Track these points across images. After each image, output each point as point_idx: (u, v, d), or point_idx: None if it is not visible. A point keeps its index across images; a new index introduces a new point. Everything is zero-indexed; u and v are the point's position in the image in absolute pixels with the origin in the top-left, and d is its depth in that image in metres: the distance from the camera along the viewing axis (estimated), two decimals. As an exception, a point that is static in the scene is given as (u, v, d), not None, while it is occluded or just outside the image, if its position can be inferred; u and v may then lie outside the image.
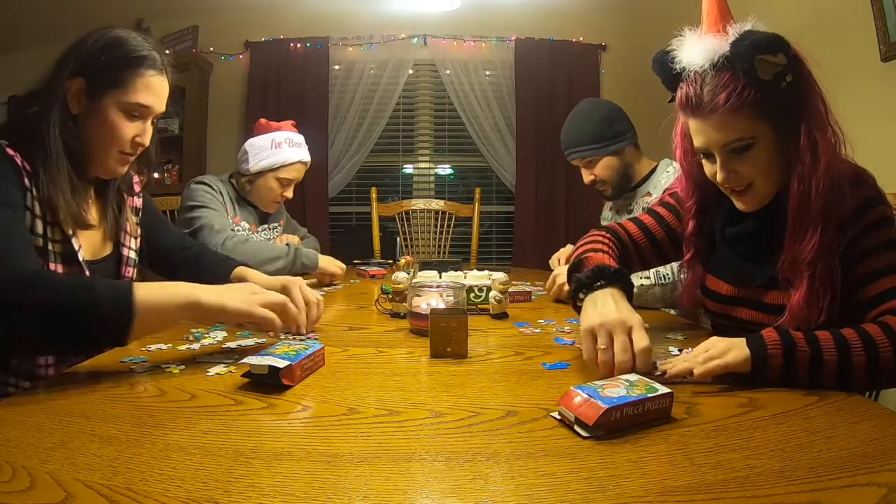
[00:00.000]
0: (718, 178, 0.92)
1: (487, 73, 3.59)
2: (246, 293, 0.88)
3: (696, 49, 0.88)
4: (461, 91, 3.53)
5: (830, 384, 0.76)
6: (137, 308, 0.77)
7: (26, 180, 0.91)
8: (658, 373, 0.80)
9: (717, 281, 1.05)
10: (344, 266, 1.81)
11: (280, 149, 1.81)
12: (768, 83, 0.83)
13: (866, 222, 0.87)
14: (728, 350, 0.78)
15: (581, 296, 0.90)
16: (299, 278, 1.13)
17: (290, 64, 3.47)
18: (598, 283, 0.88)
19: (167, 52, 3.40)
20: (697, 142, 0.93)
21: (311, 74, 3.46)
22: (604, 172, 1.68)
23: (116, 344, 0.80)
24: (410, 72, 3.60)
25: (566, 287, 1.33)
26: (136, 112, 1.01)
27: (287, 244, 1.76)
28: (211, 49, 3.52)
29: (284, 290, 1.10)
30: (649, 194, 1.64)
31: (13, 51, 3.09)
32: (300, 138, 1.89)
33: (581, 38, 3.55)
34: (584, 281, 0.90)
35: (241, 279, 1.21)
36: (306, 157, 1.87)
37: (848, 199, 0.86)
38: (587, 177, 1.71)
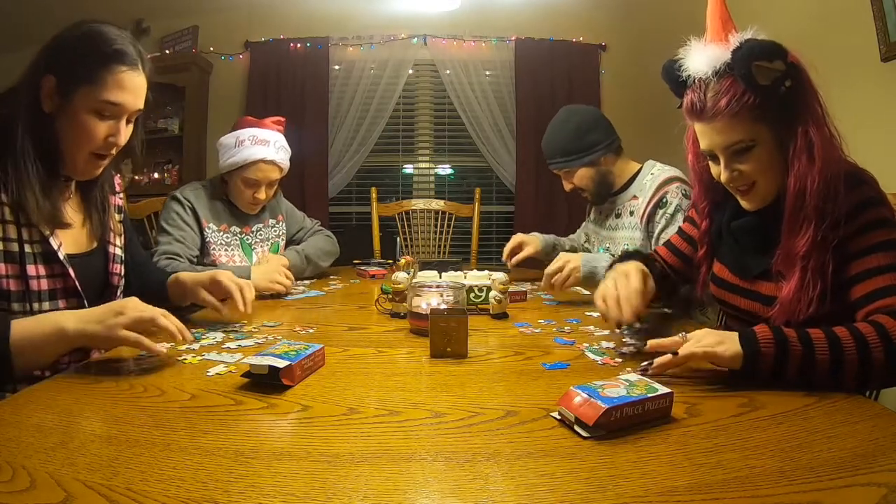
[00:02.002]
0: (723, 178, 0.97)
1: (487, 73, 3.59)
2: (109, 314, 0.85)
3: (701, 57, 0.93)
4: (461, 91, 3.52)
5: (821, 382, 0.78)
6: (13, 347, 0.78)
7: None
8: (646, 364, 0.82)
9: (722, 269, 1.11)
10: (281, 280, 1.54)
11: (242, 147, 1.67)
12: (767, 88, 0.88)
13: (863, 221, 0.88)
14: (720, 342, 0.81)
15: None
16: (226, 272, 1.18)
17: (290, 64, 3.47)
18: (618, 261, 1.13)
19: (168, 51, 3.44)
20: (703, 144, 0.98)
21: (311, 74, 3.46)
22: (581, 182, 1.70)
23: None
24: (410, 72, 3.60)
25: (578, 271, 1.42)
26: (108, 111, 0.96)
27: (213, 273, 1.61)
28: (211, 49, 3.52)
29: (215, 282, 1.16)
30: (635, 198, 1.63)
31: (13, 50, 3.09)
32: (270, 135, 1.72)
33: (581, 38, 3.55)
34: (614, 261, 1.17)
35: (176, 283, 1.20)
36: (270, 155, 1.68)
37: (843, 197, 0.88)
38: (566, 185, 1.75)
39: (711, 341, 0.81)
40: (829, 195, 0.88)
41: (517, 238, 1.77)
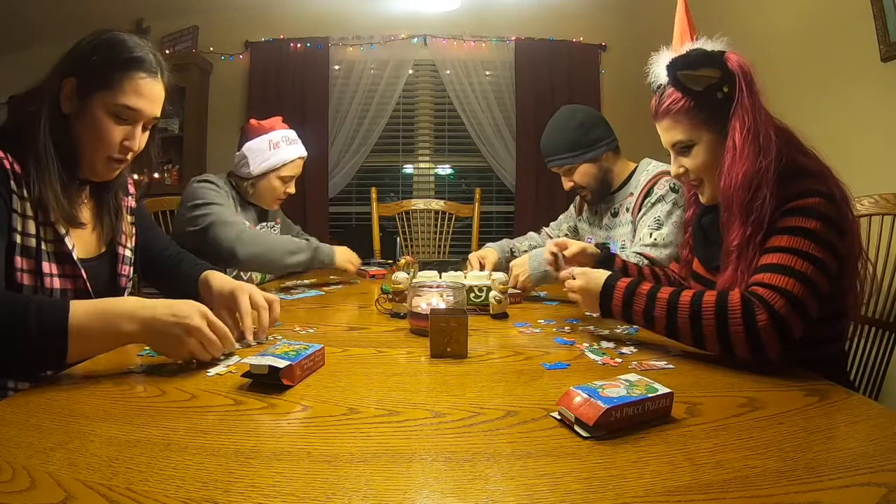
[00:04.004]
0: (671, 172, 1.11)
1: (487, 73, 3.59)
2: (172, 330, 0.80)
3: (661, 66, 1.03)
4: (461, 91, 3.53)
5: (660, 333, 0.94)
6: (72, 331, 0.75)
7: (13, 182, 0.89)
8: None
9: (698, 264, 1.18)
10: (357, 261, 1.81)
11: (278, 149, 1.81)
12: (702, 94, 0.98)
13: (790, 207, 0.91)
14: (583, 301, 1.03)
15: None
16: (251, 285, 1.08)
17: (290, 64, 3.47)
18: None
19: (168, 52, 3.44)
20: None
21: (311, 74, 3.46)
22: (582, 179, 1.70)
23: (55, 368, 0.81)
24: (410, 72, 3.60)
25: (522, 277, 1.47)
26: (125, 115, 0.97)
27: (308, 238, 1.79)
28: (211, 49, 3.52)
29: (232, 297, 1.05)
30: (632, 195, 1.66)
31: (13, 50, 3.09)
32: (293, 134, 1.88)
33: (581, 38, 3.55)
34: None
35: (205, 283, 1.15)
36: (304, 151, 1.88)
37: (776, 192, 0.92)
38: (566, 184, 1.74)
39: (577, 298, 1.04)
40: (754, 194, 0.93)
41: (476, 256, 1.79)
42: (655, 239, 1.49)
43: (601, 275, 1.02)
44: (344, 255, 1.78)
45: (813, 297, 0.86)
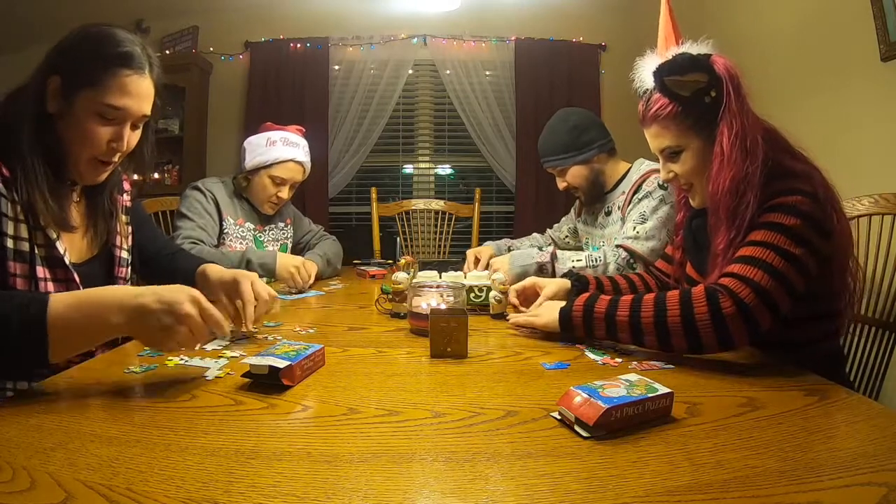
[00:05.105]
0: (661, 177, 1.12)
1: (487, 73, 3.59)
2: (157, 326, 0.73)
3: (647, 71, 1.04)
4: (461, 91, 3.53)
5: (625, 339, 0.92)
6: (52, 323, 0.69)
7: (2, 186, 0.87)
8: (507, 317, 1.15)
9: (691, 268, 1.19)
10: (305, 274, 1.63)
11: (273, 147, 1.80)
12: (689, 98, 0.97)
13: (771, 204, 0.92)
14: (543, 313, 1.04)
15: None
16: (253, 274, 1.08)
17: (290, 64, 3.47)
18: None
19: (168, 52, 3.43)
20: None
21: (311, 74, 3.46)
22: (574, 180, 1.74)
23: (36, 365, 0.76)
24: (410, 72, 3.60)
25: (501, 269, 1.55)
26: (110, 115, 0.93)
27: (243, 252, 1.66)
28: (211, 49, 3.52)
29: (234, 284, 1.04)
30: (624, 193, 1.69)
31: (12, 51, 3.09)
32: (298, 140, 1.87)
33: (581, 38, 3.55)
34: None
35: (202, 274, 1.16)
36: (300, 157, 1.84)
37: (760, 193, 0.92)
38: (560, 184, 1.79)
39: (538, 312, 1.06)
40: (741, 199, 0.93)
41: (473, 252, 1.81)
42: (638, 232, 1.53)
43: (556, 306, 1.02)
44: (286, 267, 1.62)
45: (783, 291, 0.86)
